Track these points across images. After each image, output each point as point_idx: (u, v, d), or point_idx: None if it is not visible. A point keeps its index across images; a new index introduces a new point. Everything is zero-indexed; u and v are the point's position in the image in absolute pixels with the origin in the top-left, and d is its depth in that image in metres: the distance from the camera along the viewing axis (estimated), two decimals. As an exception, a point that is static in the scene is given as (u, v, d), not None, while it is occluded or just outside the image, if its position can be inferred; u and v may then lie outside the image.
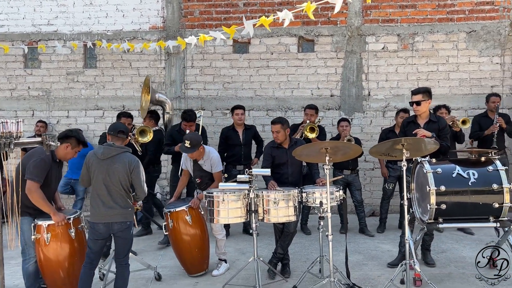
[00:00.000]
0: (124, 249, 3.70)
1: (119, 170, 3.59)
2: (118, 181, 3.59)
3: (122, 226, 3.62)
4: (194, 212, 4.48)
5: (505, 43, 6.98)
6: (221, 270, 4.60)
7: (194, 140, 4.46)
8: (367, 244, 5.58)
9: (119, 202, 3.61)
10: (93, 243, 3.65)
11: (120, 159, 3.62)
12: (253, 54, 7.35)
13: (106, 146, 3.69)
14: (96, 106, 7.52)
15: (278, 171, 4.53)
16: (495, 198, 3.94)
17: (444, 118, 4.93)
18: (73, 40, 7.37)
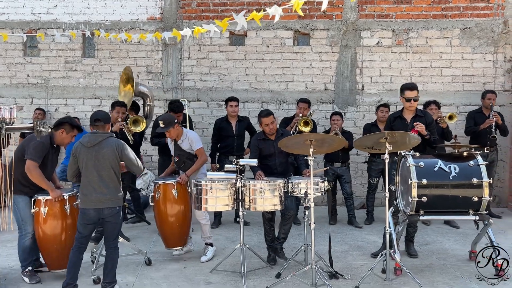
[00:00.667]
0: (114, 233, 3.84)
1: (108, 155, 3.73)
2: (108, 166, 3.73)
3: (112, 211, 3.75)
4: (181, 188, 4.62)
5: (498, 41, 7.05)
6: (208, 255, 4.75)
7: (166, 119, 4.69)
8: (354, 235, 5.72)
9: (110, 187, 3.75)
10: (83, 227, 3.78)
11: (107, 144, 3.76)
12: (249, 47, 7.44)
13: (90, 134, 3.82)
14: (94, 95, 7.63)
15: (266, 162, 4.65)
16: (475, 192, 4.06)
17: (430, 113, 5.03)
18: (72, 29, 7.47)
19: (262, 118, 4.62)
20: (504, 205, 7.16)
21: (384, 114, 6.06)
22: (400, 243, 4.99)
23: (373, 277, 4.10)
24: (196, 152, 4.75)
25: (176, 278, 4.24)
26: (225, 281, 4.15)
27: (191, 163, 4.74)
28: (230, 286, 4.05)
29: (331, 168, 6.18)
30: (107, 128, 3.90)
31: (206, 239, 4.83)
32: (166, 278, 4.24)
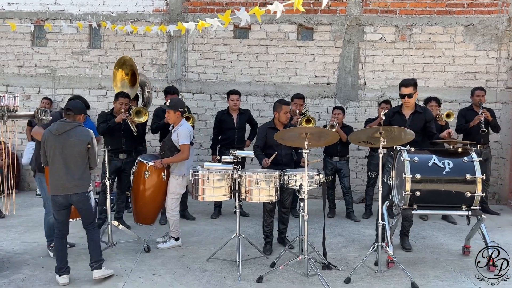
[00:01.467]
0: (89, 217, 3.99)
1: (75, 143, 3.83)
2: (75, 154, 3.83)
3: (80, 197, 3.87)
4: (153, 171, 4.66)
5: (502, 38, 7.03)
6: (165, 244, 4.82)
7: (175, 100, 4.81)
8: (351, 228, 5.80)
9: (76, 174, 3.84)
10: (57, 214, 3.92)
11: (76, 133, 3.85)
12: (253, 40, 7.50)
13: (59, 122, 3.90)
14: (100, 86, 7.76)
15: (271, 152, 4.75)
16: (468, 187, 4.12)
17: (430, 110, 5.05)
18: (79, 20, 7.57)
19: (283, 105, 4.76)
20: (503, 202, 7.18)
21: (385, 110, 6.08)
22: (395, 237, 5.08)
23: (365, 269, 4.18)
24: (180, 147, 4.69)
25: (173, 265, 4.36)
26: (221, 269, 4.27)
27: (170, 155, 4.71)
28: (225, 274, 4.17)
29: (330, 161, 6.24)
30: (78, 118, 3.97)
31: (170, 233, 4.87)
32: (164, 265, 4.36)
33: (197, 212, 6.37)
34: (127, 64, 6.25)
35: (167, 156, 4.71)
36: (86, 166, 3.94)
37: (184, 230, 5.53)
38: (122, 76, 6.36)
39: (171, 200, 4.73)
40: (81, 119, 4.03)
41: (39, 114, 3.13)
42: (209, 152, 6.84)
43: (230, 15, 4.23)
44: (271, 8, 4.01)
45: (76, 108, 3.97)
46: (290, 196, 4.86)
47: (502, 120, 6.89)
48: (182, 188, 4.80)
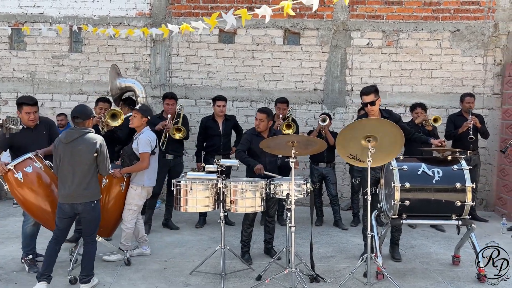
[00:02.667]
0: (90, 228, 3.86)
1: (83, 151, 3.73)
2: (83, 162, 3.73)
3: (86, 206, 3.76)
4: (110, 180, 4.37)
5: (488, 44, 7.02)
6: (111, 257, 4.58)
7: (145, 106, 4.65)
8: (339, 237, 5.67)
9: (83, 183, 3.74)
10: (60, 221, 3.80)
11: (84, 140, 3.75)
12: (239, 45, 7.36)
13: (69, 130, 3.84)
14: (81, 91, 7.53)
15: (256, 160, 4.62)
16: (458, 196, 4.03)
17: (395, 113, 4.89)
18: (59, 23, 7.35)
19: (257, 113, 4.75)
20: (491, 209, 7.15)
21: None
22: (385, 246, 4.97)
23: (354, 281, 4.05)
24: (139, 156, 4.46)
25: (155, 279, 4.17)
26: (205, 283, 4.09)
27: (128, 164, 4.49)
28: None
29: (316, 168, 6.13)
30: (87, 124, 3.87)
31: (120, 245, 4.60)
32: (145, 279, 4.17)
33: (181, 221, 6.18)
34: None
35: (127, 164, 4.49)
36: (94, 174, 3.82)
37: (167, 241, 5.35)
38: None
39: (127, 211, 4.50)
40: (90, 124, 3.91)
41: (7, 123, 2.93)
42: (194, 159, 6.66)
43: (216, 18, 4.10)
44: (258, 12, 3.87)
45: (83, 114, 3.84)
46: (275, 204, 4.72)
47: (489, 126, 6.86)
48: (141, 199, 4.56)
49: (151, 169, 4.59)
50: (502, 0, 6.97)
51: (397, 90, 7.16)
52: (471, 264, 4.52)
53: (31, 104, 4.27)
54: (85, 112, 3.86)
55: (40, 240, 4.47)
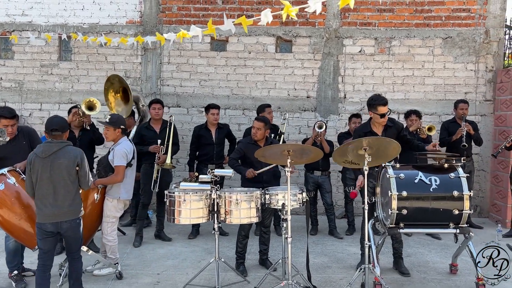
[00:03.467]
0: (76, 245, 3.66)
1: (64, 165, 3.48)
2: (64, 177, 3.49)
3: (71, 224, 3.55)
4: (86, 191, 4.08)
5: (479, 51, 7.05)
6: (102, 271, 4.44)
7: (115, 117, 4.40)
8: (335, 246, 5.59)
9: (67, 199, 3.52)
10: (43, 242, 3.54)
11: (64, 153, 3.50)
12: (231, 53, 7.30)
13: (45, 143, 3.56)
14: (70, 100, 7.39)
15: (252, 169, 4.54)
16: (456, 204, 3.99)
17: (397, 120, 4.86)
18: (48, 31, 7.24)
19: (254, 121, 4.70)
20: (485, 215, 7.13)
21: (357, 125, 5.94)
22: (384, 256, 4.91)
23: (351, 292, 3.97)
24: (114, 168, 4.31)
25: (148, 293, 4.06)
26: (199, 297, 3.98)
27: (103, 175, 4.34)
28: (204, 302, 3.89)
29: (311, 176, 6.06)
30: (65, 136, 3.64)
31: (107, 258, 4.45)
32: (137, 293, 4.05)
33: (174, 232, 6.05)
34: (115, 81, 6.03)
35: (101, 176, 4.33)
36: (77, 190, 3.60)
37: (159, 253, 5.23)
38: (114, 96, 6.15)
39: (106, 224, 4.36)
40: (67, 136, 3.69)
41: (-6, 135, 2.82)
42: (186, 169, 6.57)
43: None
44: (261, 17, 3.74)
45: (62, 126, 3.61)
46: (271, 215, 4.63)
47: (482, 132, 6.86)
48: (118, 211, 4.39)
49: (128, 182, 4.40)
50: (492, 7, 7.01)
51: (390, 97, 7.10)
52: (469, 272, 4.48)
53: (9, 117, 4.11)
54: (64, 124, 3.64)
55: (28, 254, 4.33)
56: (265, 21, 3.31)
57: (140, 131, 5.77)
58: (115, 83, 6.07)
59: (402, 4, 7.09)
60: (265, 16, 3.26)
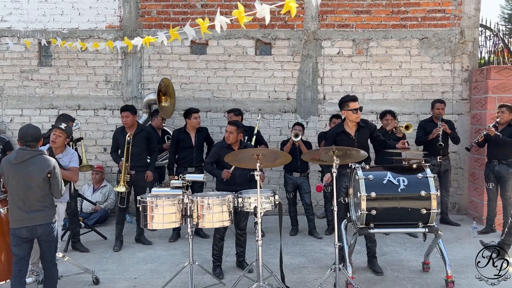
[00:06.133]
0: (51, 251, 3.70)
1: (35, 172, 3.55)
2: (35, 184, 3.55)
3: (46, 228, 3.59)
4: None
5: (455, 51, 7.16)
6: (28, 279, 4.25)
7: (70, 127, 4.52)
8: (313, 246, 5.67)
9: (39, 204, 3.58)
10: (18, 248, 3.58)
11: (36, 161, 3.58)
12: (211, 56, 7.36)
13: (19, 150, 3.63)
14: (51, 105, 7.41)
15: None
16: (423, 204, 4.08)
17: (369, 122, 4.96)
18: (28, 37, 7.26)
19: (227, 125, 4.77)
20: (463, 212, 7.25)
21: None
22: (360, 255, 4.99)
23: (323, 292, 4.05)
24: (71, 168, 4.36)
25: (123, 298, 4.10)
26: (174, 300, 4.04)
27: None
28: (178, 305, 3.94)
29: (290, 177, 6.14)
30: (39, 145, 3.72)
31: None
32: (113, 298, 4.10)
33: (155, 235, 6.10)
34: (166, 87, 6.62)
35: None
36: (48, 195, 3.65)
37: (139, 257, 5.27)
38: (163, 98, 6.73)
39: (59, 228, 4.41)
40: (40, 145, 3.76)
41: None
42: (167, 172, 6.60)
43: (178, 30, 4.08)
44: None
45: (37, 137, 3.67)
46: (246, 218, 4.69)
47: (459, 131, 6.98)
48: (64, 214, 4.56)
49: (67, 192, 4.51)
50: (467, 8, 7.13)
51: (369, 98, 7.25)
52: (441, 270, 4.56)
53: None
54: (38, 134, 3.70)
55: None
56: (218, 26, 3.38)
57: (116, 136, 5.79)
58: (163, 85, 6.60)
59: (379, 5, 7.18)
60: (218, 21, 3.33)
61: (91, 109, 7.38)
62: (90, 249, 5.54)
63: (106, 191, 7.01)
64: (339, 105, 4.68)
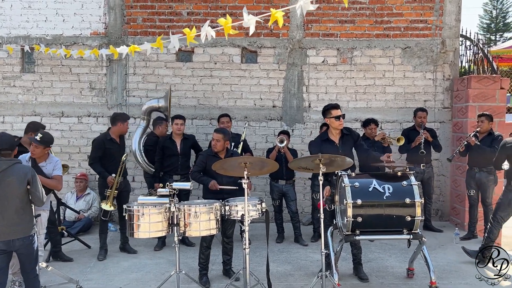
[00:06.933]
0: (31, 263, 3.62)
1: (13, 183, 3.47)
2: (14, 195, 3.47)
3: (24, 242, 3.52)
4: None
5: (437, 60, 7.32)
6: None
7: (46, 137, 4.36)
8: (299, 253, 5.69)
9: (17, 217, 3.49)
10: None
11: (14, 171, 3.49)
12: (197, 63, 7.36)
13: None
14: (34, 112, 7.30)
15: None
16: (408, 211, 4.14)
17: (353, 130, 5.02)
18: (10, 43, 7.16)
19: (213, 133, 4.77)
20: (446, 218, 7.38)
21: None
22: (346, 263, 5.03)
23: (310, 300, 4.07)
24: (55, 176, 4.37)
25: (108, 308, 4.05)
26: (160, 310, 4.00)
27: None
28: (164, 314, 3.91)
29: (275, 185, 6.17)
30: (14, 153, 3.64)
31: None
32: (97, 308, 4.04)
33: (140, 244, 6.03)
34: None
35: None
36: (28, 206, 3.56)
37: (123, 266, 5.21)
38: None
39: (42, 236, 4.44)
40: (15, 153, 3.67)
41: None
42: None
43: (163, 38, 4.09)
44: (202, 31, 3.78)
45: (12, 145, 3.60)
46: (232, 226, 4.69)
47: (441, 138, 7.11)
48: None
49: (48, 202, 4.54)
50: (448, 19, 7.31)
51: (353, 106, 7.34)
52: (425, 276, 4.64)
53: None
54: (13, 142, 3.63)
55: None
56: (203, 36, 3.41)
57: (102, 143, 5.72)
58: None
59: (363, 15, 7.31)
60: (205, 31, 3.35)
61: (75, 116, 7.29)
62: (74, 258, 5.45)
63: (89, 199, 6.92)
64: (323, 113, 4.75)
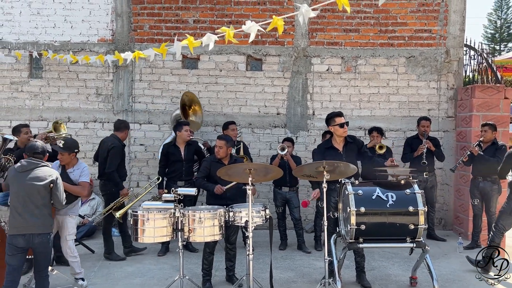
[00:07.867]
0: (45, 261, 3.78)
1: (37, 181, 3.72)
2: (36, 193, 3.70)
3: (42, 238, 3.69)
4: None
5: (441, 69, 7.36)
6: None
7: (68, 142, 4.62)
8: (302, 260, 5.70)
9: (38, 214, 3.70)
10: (13, 258, 3.66)
11: (39, 172, 3.77)
12: (202, 70, 7.43)
13: (25, 160, 3.83)
14: (41, 117, 7.39)
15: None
16: (411, 219, 4.15)
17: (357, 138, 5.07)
18: (19, 49, 7.27)
19: (216, 140, 4.82)
20: (449, 228, 7.37)
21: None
22: (349, 270, 5.04)
23: (313, 307, 4.08)
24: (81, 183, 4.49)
25: (112, 312, 4.07)
26: (163, 315, 4.02)
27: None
28: (168, 320, 3.93)
29: (279, 192, 6.19)
30: (45, 159, 3.94)
31: (75, 275, 4.56)
32: (101, 312, 4.06)
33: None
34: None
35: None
36: (48, 206, 3.80)
37: (128, 271, 5.24)
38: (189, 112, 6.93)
39: (70, 242, 4.52)
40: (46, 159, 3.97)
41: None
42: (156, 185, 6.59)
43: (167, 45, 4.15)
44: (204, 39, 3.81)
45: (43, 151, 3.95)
46: (236, 232, 4.72)
47: (445, 147, 7.13)
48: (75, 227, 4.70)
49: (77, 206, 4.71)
50: (452, 28, 7.35)
51: (357, 114, 7.38)
52: (428, 284, 4.62)
53: None
54: (45, 149, 3.96)
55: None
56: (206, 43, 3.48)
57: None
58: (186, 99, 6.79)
59: (367, 24, 7.37)
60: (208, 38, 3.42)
61: (81, 122, 7.37)
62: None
63: (94, 204, 6.97)
64: (326, 121, 4.79)
